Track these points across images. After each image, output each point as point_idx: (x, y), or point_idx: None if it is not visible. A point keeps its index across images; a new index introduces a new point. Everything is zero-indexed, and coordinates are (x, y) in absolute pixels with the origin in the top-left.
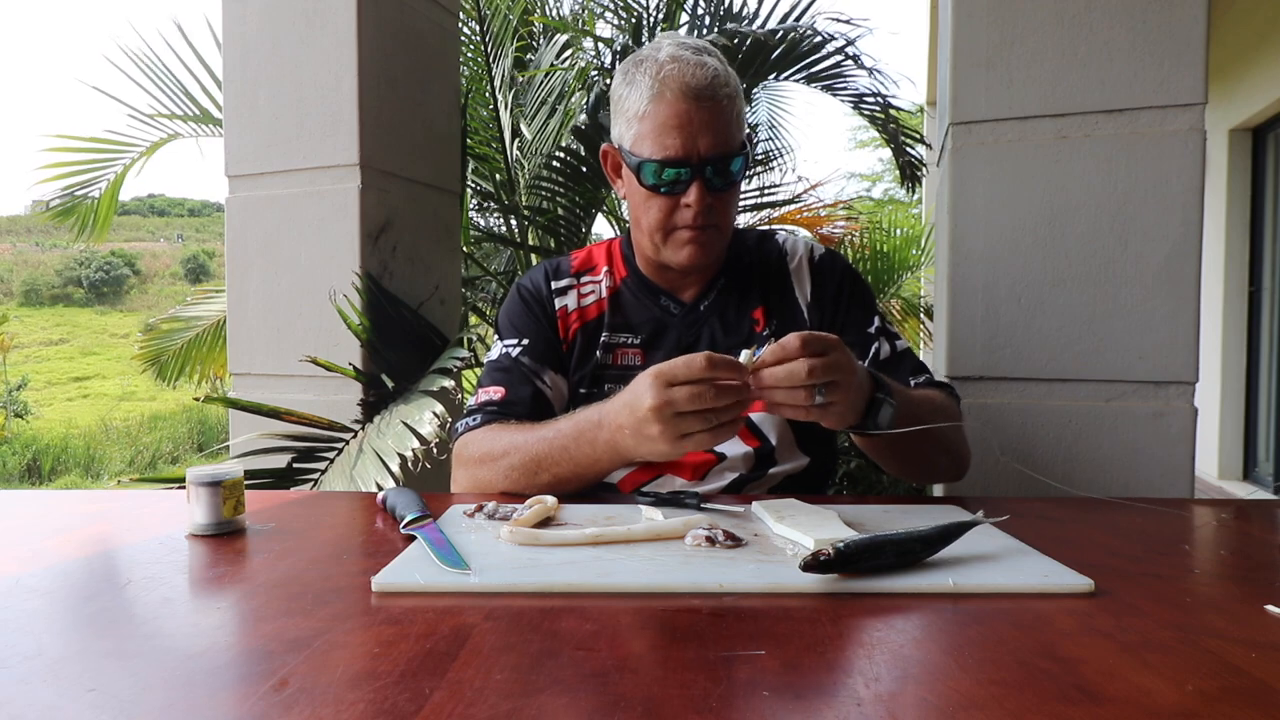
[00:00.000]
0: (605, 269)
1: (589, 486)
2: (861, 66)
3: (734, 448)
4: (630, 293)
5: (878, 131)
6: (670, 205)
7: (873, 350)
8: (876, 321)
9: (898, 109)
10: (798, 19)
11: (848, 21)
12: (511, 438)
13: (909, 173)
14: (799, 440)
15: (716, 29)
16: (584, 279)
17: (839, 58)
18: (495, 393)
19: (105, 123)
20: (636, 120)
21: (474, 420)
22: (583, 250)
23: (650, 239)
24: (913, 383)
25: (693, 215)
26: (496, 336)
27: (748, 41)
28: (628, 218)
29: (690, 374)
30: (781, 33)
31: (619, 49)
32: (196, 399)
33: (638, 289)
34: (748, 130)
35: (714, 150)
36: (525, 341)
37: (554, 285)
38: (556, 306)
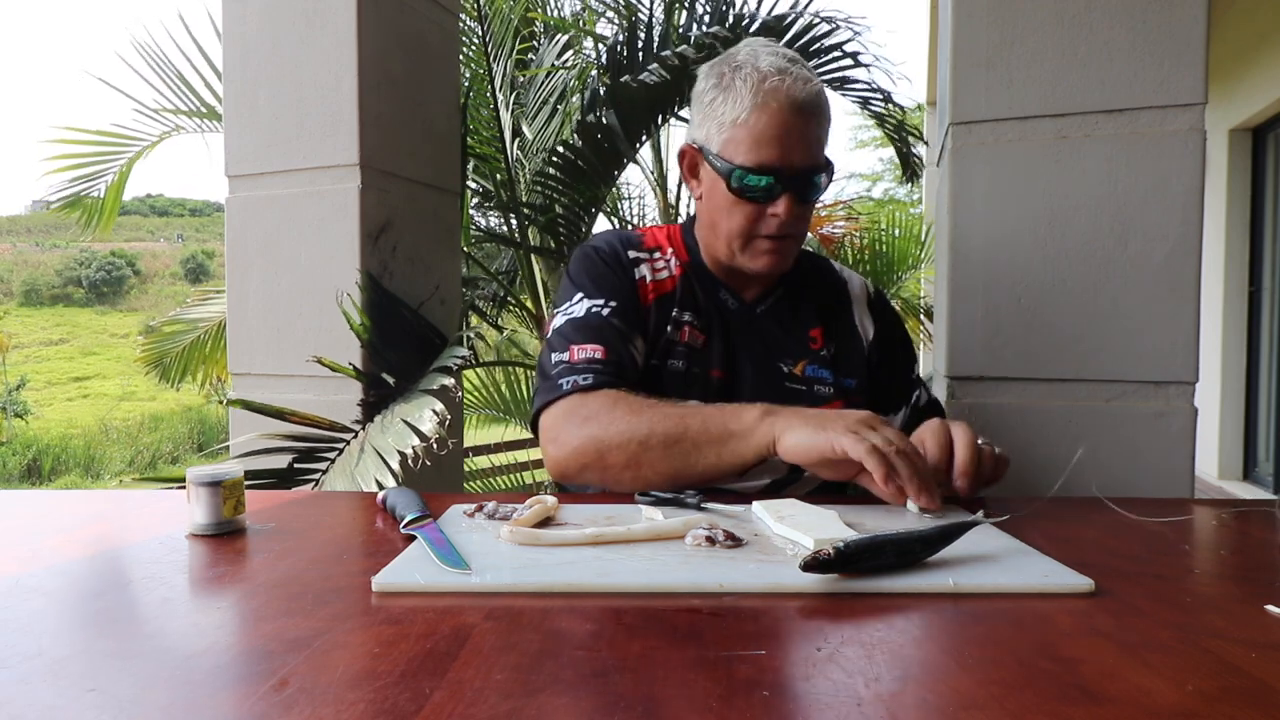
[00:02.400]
0: (670, 251)
1: (718, 478)
2: (860, 63)
3: None
4: (695, 280)
5: (882, 131)
6: (756, 213)
7: (914, 397)
8: (916, 368)
9: (902, 109)
10: (793, 21)
11: (846, 20)
12: (639, 421)
13: (909, 167)
14: None
15: (720, 25)
16: (654, 255)
17: (846, 61)
18: (595, 350)
19: (106, 118)
20: (732, 126)
21: (584, 379)
22: (649, 229)
23: (728, 244)
24: None
25: (778, 225)
26: (574, 296)
27: (751, 29)
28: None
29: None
30: (792, 17)
31: (616, 45)
32: (220, 401)
33: (699, 278)
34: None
35: (807, 163)
36: (614, 303)
37: (629, 255)
38: (635, 275)
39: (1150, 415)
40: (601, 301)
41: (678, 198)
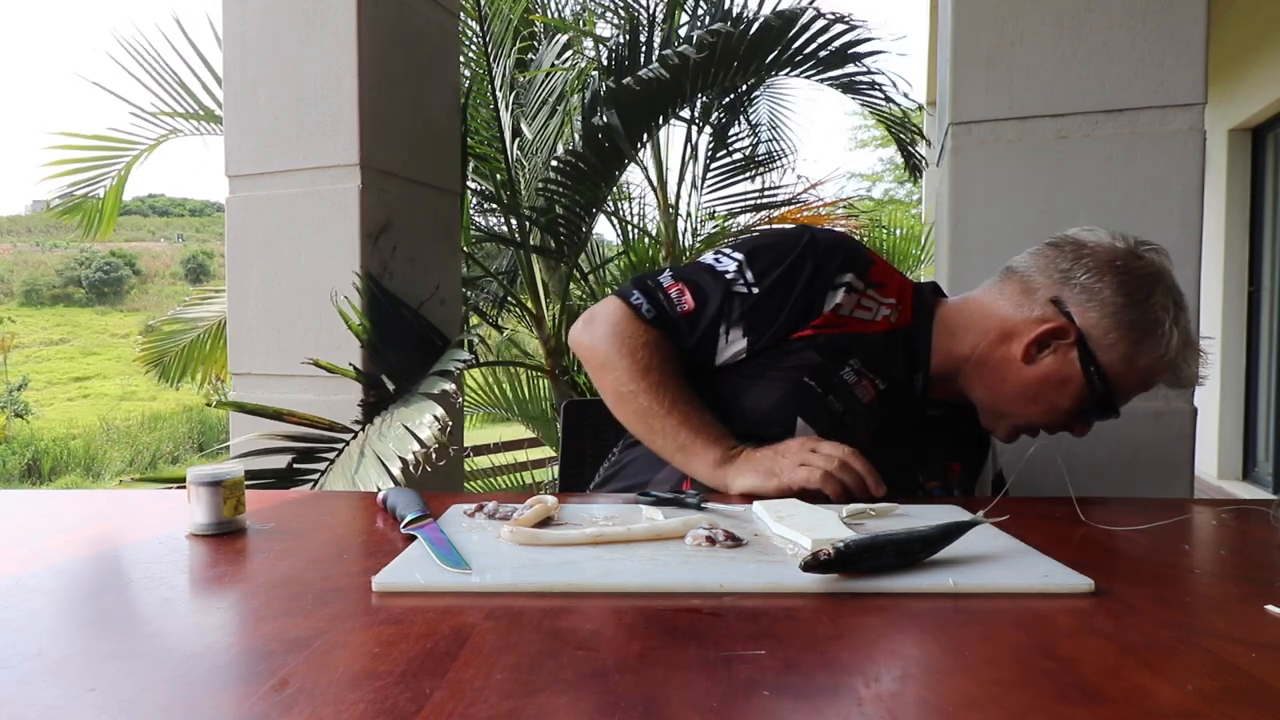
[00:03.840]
0: (894, 302)
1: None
2: (862, 64)
3: None
4: (902, 345)
5: (888, 132)
6: (1069, 421)
7: None
8: None
9: (904, 110)
10: (797, 3)
11: (846, 20)
12: (645, 383)
13: (913, 165)
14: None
15: (716, 24)
16: (870, 291)
17: (854, 66)
18: (687, 300)
19: (104, 121)
20: (1129, 361)
21: (648, 309)
22: (885, 262)
23: (1012, 408)
24: None
25: (1061, 431)
26: (741, 255)
27: (753, 28)
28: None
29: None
30: (789, 18)
31: (618, 45)
32: (208, 404)
33: (909, 348)
34: None
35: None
36: (757, 291)
37: (840, 278)
38: (830, 302)
39: (1150, 415)
40: (750, 279)
41: (676, 197)
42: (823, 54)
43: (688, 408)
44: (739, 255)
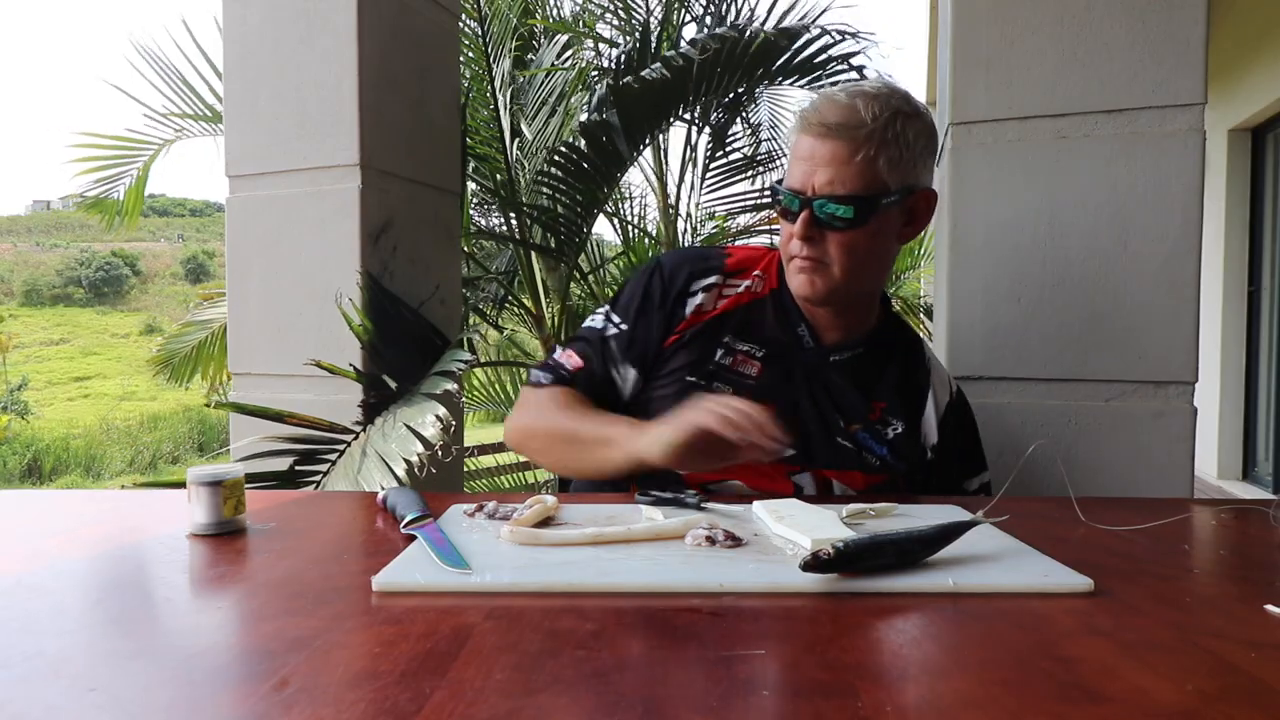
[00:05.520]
0: (758, 274)
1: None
2: (856, 69)
3: (809, 486)
4: (773, 307)
5: None
6: (788, 233)
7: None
8: (985, 476)
9: None
10: (800, 19)
11: (854, 35)
12: (558, 417)
13: None
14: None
15: (720, 28)
16: (731, 279)
17: (849, 71)
18: (574, 361)
19: (104, 122)
20: (789, 154)
21: (545, 377)
22: (743, 247)
23: (785, 264)
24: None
25: (797, 245)
26: (608, 305)
27: (757, 41)
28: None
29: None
30: (792, 35)
31: (620, 46)
32: (207, 404)
33: (781, 307)
34: (915, 186)
35: (828, 188)
36: (625, 327)
37: (695, 284)
38: (689, 306)
39: (1150, 415)
40: (617, 320)
41: (677, 198)
42: (825, 64)
43: (600, 417)
44: (604, 308)
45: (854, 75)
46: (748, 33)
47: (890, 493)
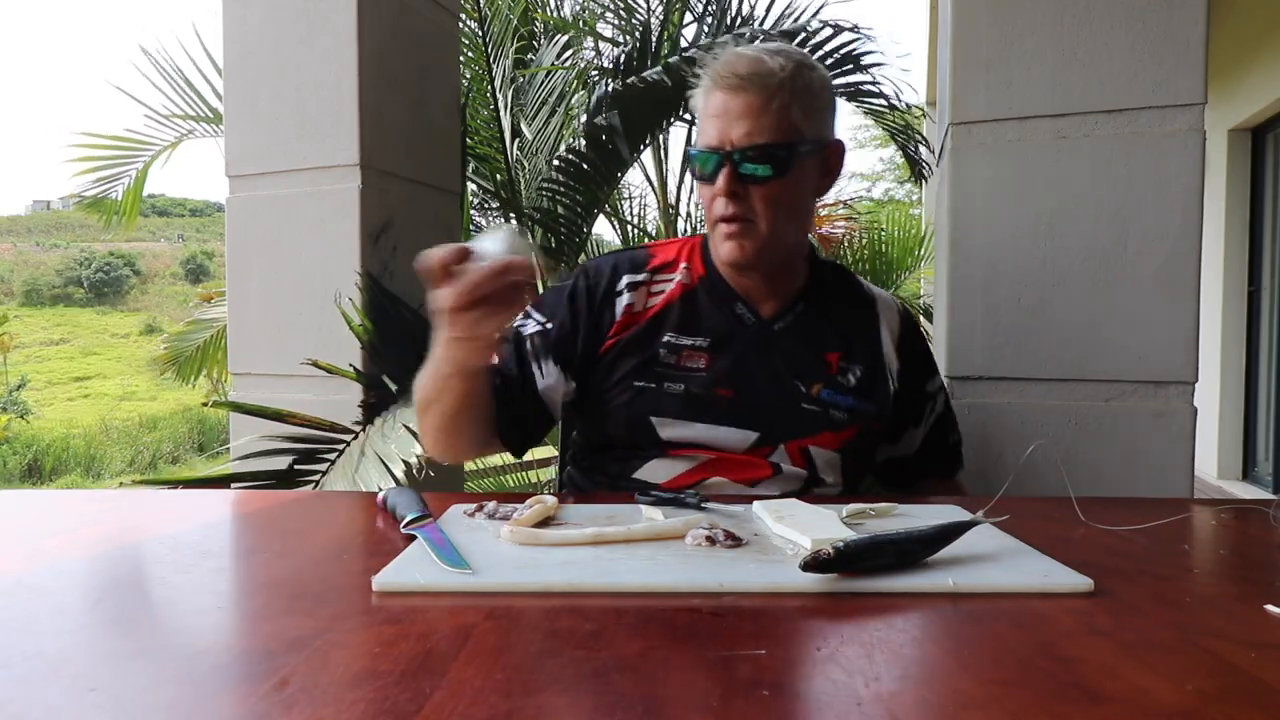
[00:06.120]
0: (684, 266)
1: (454, 412)
2: (864, 69)
3: (788, 467)
4: (705, 294)
5: (895, 142)
6: (711, 195)
7: (928, 409)
8: (934, 380)
9: (907, 107)
10: (796, 19)
11: (854, 28)
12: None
13: (917, 171)
14: (844, 470)
15: (724, 30)
16: (658, 275)
17: (860, 75)
18: (490, 360)
19: (105, 123)
20: (699, 116)
21: None
22: (664, 243)
23: (710, 233)
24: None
25: (723, 204)
26: (533, 304)
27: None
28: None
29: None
30: (792, 34)
31: (629, 50)
32: (204, 404)
33: (713, 292)
34: (827, 138)
35: (747, 140)
36: (549, 326)
37: (622, 282)
38: (619, 307)
39: (1150, 415)
40: (539, 319)
41: (677, 199)
42: (829, 63)
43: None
44: (528, 309)
45: (857, 76)
46: (747, 34)
47: (867, 441)
